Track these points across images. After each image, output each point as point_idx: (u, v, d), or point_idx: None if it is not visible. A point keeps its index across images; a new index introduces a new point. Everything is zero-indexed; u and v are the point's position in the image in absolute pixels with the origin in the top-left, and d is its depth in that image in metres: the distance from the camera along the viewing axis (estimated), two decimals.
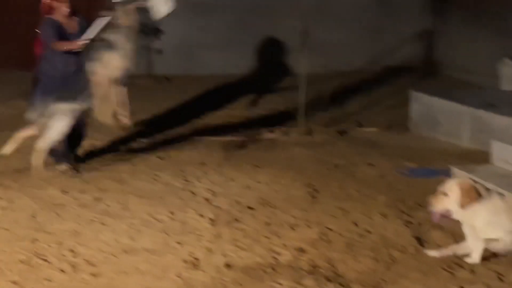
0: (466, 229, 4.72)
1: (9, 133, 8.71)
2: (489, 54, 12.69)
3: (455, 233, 5.01)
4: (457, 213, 4.67)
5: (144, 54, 14.98)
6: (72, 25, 7.02)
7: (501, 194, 5.04)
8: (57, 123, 6.60)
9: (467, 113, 8.45)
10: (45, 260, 4.60)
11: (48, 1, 6.87)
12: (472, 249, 4.63)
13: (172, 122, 9.56)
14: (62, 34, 6.92)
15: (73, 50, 6.90)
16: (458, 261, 4.60)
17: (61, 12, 6.90)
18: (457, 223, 4.80)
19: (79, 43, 6.92)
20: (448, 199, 4.66)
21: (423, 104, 9.34)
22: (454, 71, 14.52)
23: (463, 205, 4.60)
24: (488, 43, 13.45)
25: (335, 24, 15.66)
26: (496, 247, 4.62)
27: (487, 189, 4.93)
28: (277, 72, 14.07)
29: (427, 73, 15.00)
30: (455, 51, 14.98)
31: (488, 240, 4.62)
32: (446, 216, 4.73)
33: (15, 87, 12.67)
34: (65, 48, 6.84)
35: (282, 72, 14.00)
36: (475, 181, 4.80)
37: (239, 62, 15.21)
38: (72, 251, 4.77)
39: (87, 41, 6.81)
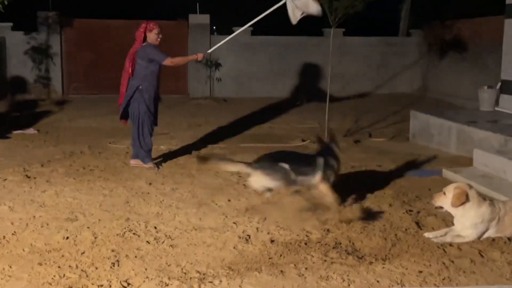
0: (455, 221, 4.65)
1: (108, 139, 8.94)
2: (470, 83, 12.58)
3: (446, 219, 4.93)
4: (449, 210, 4.60)
5: (208, 81, 15.16)
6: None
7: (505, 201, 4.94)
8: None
9: (454, 127, 8.35)
10: (135, 234, 4.63)
11: (142, 30, 6.89)
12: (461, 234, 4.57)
13: (228, 133, 9.61)
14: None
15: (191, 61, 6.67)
16: (450, 243, 4.53)
17: (154, 39, 6.91)
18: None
19: (201, 55, 7.07)
20: (445, 198, 4.59)
21: (420, 120, 9.26)
22: (443, 95, 14.40)
23: (453, 205, 4.54)
24: (470, 74, 13.34)
25: (351, 58, 15.63)
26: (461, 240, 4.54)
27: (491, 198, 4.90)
28: (307, 95, 14.04)
29: (422, 97, 14.89)
30: (444, 80, 14.87)
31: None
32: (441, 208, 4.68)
33: (113, 106, 12.88)
34: (184, 61, 6.72)
35: (310, 95, 13.96)
36: (470, 186, 4.65)
37: (278, 87, 15.28)
38: (155, 228, 4.81)
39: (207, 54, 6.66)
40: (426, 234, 4.65)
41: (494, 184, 6.12)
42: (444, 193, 4.61)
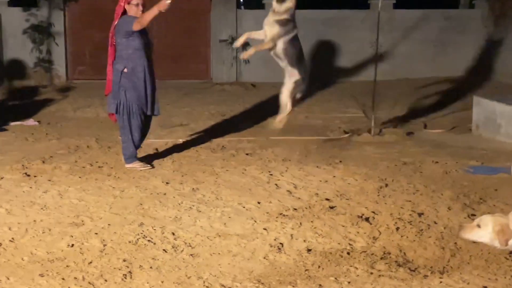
0: None
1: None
2: None
3: None
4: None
5: (234, 64, 15.14)
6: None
7: None
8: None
9: None
10: (150, 241, 4.66)
11: (122, 3, 6.83)
12: None
13: (257, 123, 9.59)
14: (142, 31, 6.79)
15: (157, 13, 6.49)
16: None
17: (134, 12, 6.74)
18: None
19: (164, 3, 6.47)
20: (480, 232, 4.46)
21: (484, 108, 9.14)
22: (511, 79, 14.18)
23: (502, 245, 4.42)
24: None
25: (402, 35, 15.49)
26: None
27: None
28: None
29: (487, 81, 14.68)
30: None
31: None
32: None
33: None
34: (151, 16, 6.48)
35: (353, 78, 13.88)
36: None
37: (317, 69, 15.20)
38: (173, 234, 4.82)
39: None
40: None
41: None
42: (479, 226, 4.46)
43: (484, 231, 4.42)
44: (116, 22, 6.84)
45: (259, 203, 5.64)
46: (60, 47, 14.96)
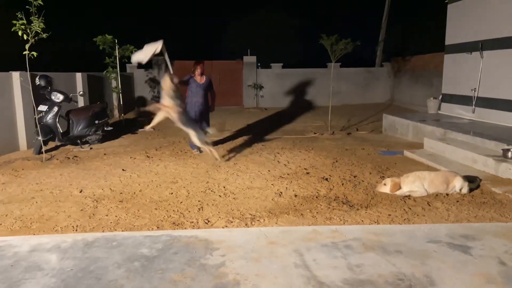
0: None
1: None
2: (422, 96, 12.24)
3: None
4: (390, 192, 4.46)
5: (255, 97, 15.15)
6: (200, 79, 6.80)
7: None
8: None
9: (411, 124, 8.14)
10: (212, 191, 4.69)
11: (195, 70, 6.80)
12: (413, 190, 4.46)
13: (268, 129, 9.58)
14: (196, 83, 6.72)
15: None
16: (408, 196, 4.43)
17: (196, 74, 6.80)
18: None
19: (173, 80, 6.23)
20: (385, 187, 4.47)
21: (389, 120, 9.06)
22: (404, 104, 14.07)
23: (392, 191, 4.42)
24: (422, 90, 13.00)
25: (344, 81, 15.39)
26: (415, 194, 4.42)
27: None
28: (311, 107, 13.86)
29: (390, 105, 14.55)
30: (405, 94, 14.54)
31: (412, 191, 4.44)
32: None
33: None
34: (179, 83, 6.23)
35: (319, 105, 13.77)
36: (398, 177, 4.53)
37: (299, 101, 15.14)
38: (224, 187, 4.85)
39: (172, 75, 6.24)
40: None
41: (437, 160, 5.95)
42: (384, 184, 4.48)
43: (386, 186, 4.43)
44: (187, 77, 6.87)
45: (269, 171, 5.64)
46: None
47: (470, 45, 8.33)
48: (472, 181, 4.70)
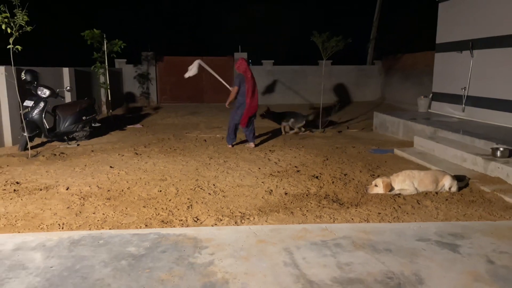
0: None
1: (184, 130, 9.01)
2: (412, 94, 12.34)
3: None
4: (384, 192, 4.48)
5: None
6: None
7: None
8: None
9: (402, 122, 8.21)
10: (202, 189, 4.67)
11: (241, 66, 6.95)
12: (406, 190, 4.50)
13: (258, 126, 9.54)
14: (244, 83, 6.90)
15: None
16: (398, 195, 4.47)
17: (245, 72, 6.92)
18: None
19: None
20: (378, 188, 4.46)
21: (380, 118, 9.13)
22: (395, 102, 14.18)
23: (385, 191, 4.44)
24: (412, 88, 13.10)
25: (336, 80, 15.45)
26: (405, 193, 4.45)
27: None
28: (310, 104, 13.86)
29: (381, 103, 14.65)
30: (395, 92, 14.64)
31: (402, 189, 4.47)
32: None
33: (187, 110, 12.95)
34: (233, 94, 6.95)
35: (311, 103, 13.80)
36: (388, 177, 4.54)
37: (289, 98, 15.14)
38: (214, 185, 4.83)
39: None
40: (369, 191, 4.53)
41: (427, 158, 6.01)
42: (376, 185, 4.47)
43: (379, 187, 4.46)
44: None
45: (259, 168, 5.64)
46: (153, 85, 15.05)
47: (460, 44, 8.42)
48: (461, 179, 4.76)
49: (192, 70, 7.48)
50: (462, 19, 8.44)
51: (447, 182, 4.50)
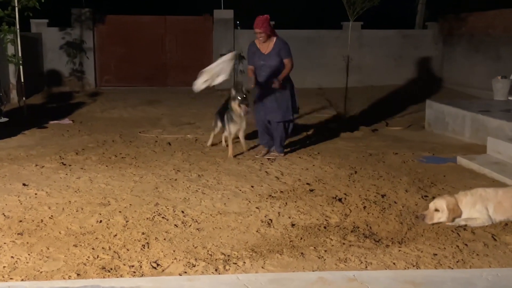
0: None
1: (138, 128, 9.02)
2: (484, 73, 12.43)
3: None
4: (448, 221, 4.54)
5: (232, 73, 15.08)
6: (266, 47, 6.88)
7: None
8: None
9: (468, 116, 8.27)
10: (164, 218, 4.65)
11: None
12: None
13: (250, 121, 9.55)
14: (258, 55, 6.91)
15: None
16: (463, 226, 4.48)
17: (258, 39, 6.86)
18: None
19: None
20: (438, 214, 4.50)
21: (435, 110, 9.19)
22: (458, 86, 14.29)
23: (451, 220, 4.48)
24: (484, 65, 13.20)
25: (369, 51, 15.54)
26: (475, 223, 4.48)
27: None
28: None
29: (437, 87, 14.76)
30: (459, 71, 14.76)
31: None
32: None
33: (142, 97, 12.98)
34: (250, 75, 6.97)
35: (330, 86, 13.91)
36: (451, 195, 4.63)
37: (299, 79, 15.15)
38: (182, 212, 4.82)
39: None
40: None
41: (507, 171, 6.04)
42: (436, 210, 4.51)
43: (441, 213, 4.48)
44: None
45: (252, 187, 5.63)
46: (90, 60, 15.03)
47: None
48: None
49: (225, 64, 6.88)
50: None
51: None
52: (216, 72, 6.63)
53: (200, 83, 6.65)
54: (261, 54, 6.90)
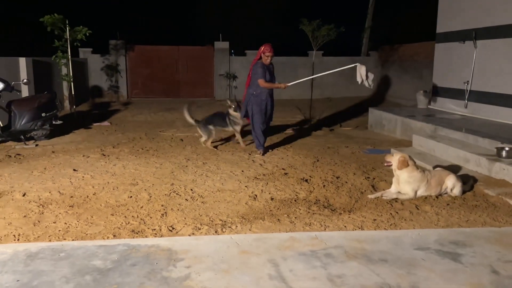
0: (393, 181, 4.62)
1: (158, 128, 8.95)
2: (411, 88, 12.52)
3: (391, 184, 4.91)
4: (394, 168, 4.58)
5: (227, 88, 15.00)
6: (268, 66, 6.53)
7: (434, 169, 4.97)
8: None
9: (399, 119, 8.31)
10: (178, 194, 4.66)
11: (260, 51, 6.46)
12: (403, 193, 4.55)
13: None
14: (268, 72, 6.49)
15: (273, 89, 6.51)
16: (396, 200, 4.52)
17: (265, 60, 6.47)
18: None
19: (283, 85, 6.54)
20: (393, 158, 4.58)
21: (375, 115, 9.23)
22: (392, 97, 14.37)
23: (398, 168, 4.52)
24: (411, 82, 13.30)
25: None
26: (403, 197, 4.50)
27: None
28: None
29: (376, 99, 14.81)
30: (392, 86, 14.84)
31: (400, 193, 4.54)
32: (389, 165, 4.64)
33: (161, 106, 12.88)
34: (270, 87, 6.48)
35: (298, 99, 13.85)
36: (410, 157, 4.61)
37: (276, 92, 15.12)
38: (191, 190, 4.82)
39: (288, 85, 6.59)
40: (369, 196, 4.57)
41: (427, 159, 6.10)
42: (392, 155, 4.62)
43: (394, 159, 4.55)
44: (254, 63, 6.55)
45: (242, 171, 5.64)
46: (123, 78, 14.91)
47: (463, 33, 8.56)
48: (465, 182, 4.83)
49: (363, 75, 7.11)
50: (465, 6, 8.59)
51: (449, 182, 4.56)
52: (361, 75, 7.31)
53: (364, 79, 7.28)
54: (269, 71, 6.61)
